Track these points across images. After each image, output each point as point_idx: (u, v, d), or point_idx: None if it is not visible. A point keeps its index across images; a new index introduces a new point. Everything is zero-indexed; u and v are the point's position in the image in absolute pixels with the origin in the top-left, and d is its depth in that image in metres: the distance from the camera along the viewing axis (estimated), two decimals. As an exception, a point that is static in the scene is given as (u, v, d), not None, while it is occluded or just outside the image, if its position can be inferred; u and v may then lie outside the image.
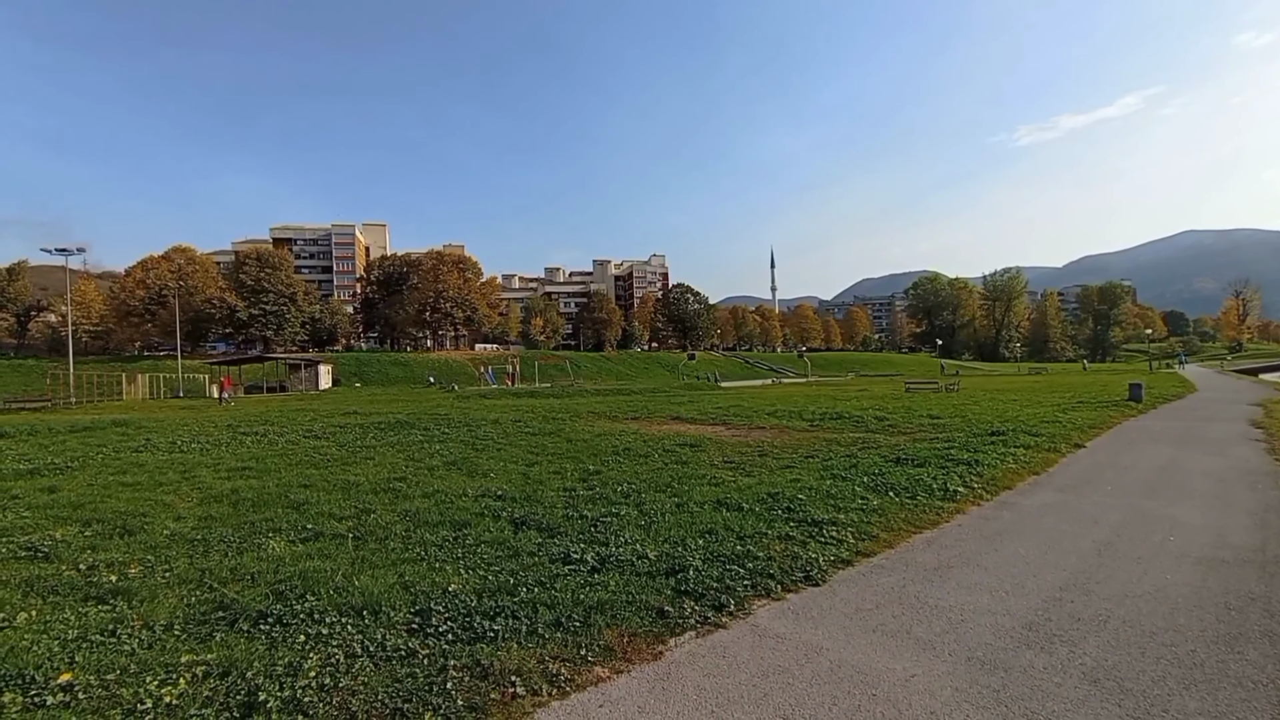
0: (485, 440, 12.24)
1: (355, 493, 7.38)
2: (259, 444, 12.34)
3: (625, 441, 11.79)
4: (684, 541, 5.14)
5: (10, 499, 7.40)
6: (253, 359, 56.01)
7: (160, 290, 67.02)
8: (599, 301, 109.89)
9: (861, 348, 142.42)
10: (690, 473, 8.40)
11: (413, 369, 67.39)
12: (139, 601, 4.05)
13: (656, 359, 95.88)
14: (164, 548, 5.30)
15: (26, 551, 5.21)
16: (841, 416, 15.61)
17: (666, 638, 3.57)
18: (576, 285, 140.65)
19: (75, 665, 3.11)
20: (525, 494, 7.16)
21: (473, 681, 3.02)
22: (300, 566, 4.60)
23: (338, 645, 3.33)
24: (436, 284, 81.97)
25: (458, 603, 3.87)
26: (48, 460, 10.38)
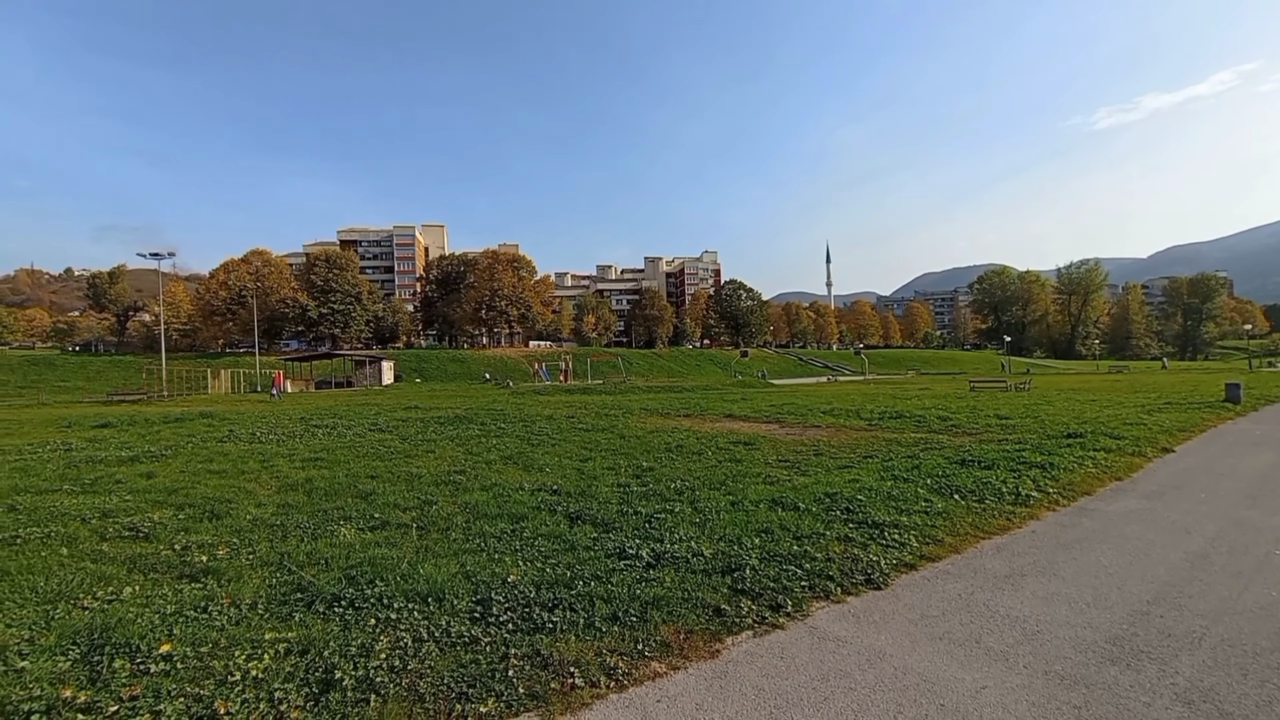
0: (540, 436, 12.47)
1: (418, 484, 7.66)
2: (329, 436, 12.99)
3: (678, 439, 11.77)
4: (739, 540, 5.08)
5: (115, 483, 8.06)
6: (322, 355, 59.05)
7: (240, 291, 71.67)
8: (650, 298, 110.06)
9: (922, 345, 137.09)
10: (744, 471, 8.31)
11: (470, 365, 69.44)
12: (227, 581, 4.34)
13: (708, 356, 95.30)
14: (247, 531, 5.65)
15: (129, 532, 5.67)
16: (901, 416, 15.08)
17: (723, 636, 3.55)
18: (628, 282, 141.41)
19: (173, 637, 3.37)
20: (580, 489, 7.25)
21: (533, 670, 3.09)
22: (369, 553, 4.81)
23: (405, 630, 3.47)
24: (492, 283, 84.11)
25: (517, 593, 3.96)
26: (145, 448, 11.27)
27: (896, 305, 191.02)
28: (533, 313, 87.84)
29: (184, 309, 79.71)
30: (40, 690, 2.82)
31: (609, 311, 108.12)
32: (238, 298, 71.47)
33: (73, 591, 4.15)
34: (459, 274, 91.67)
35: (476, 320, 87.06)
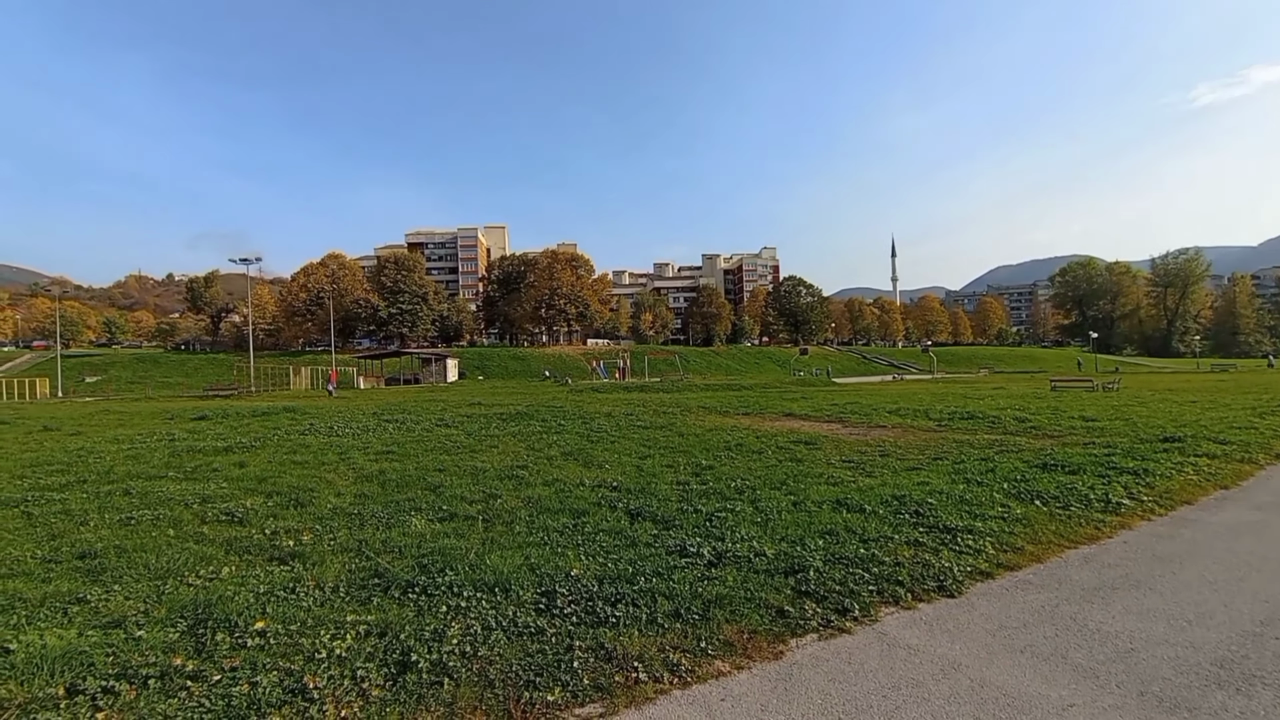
0: (599, 433, 12.62)
1: (483, 478, 7.92)
2: (399, 430, 13.61)
3: (737, 437, 11.65)
4: (803, 541, 4.98)
5: (212, 471, 8.74)
6: (391, 353, 61.92)
7: (318, 293, 76.15)
8: (708, 296, 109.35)
9: (996, 341, 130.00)
10: (806, 471, 8.13)
11: (530, 363, 71.10)
12: (311, 564, 4.63)
13: (767, 354, 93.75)
14: (328, 519, 6.00)
15: (226, 516, 6.13)
16: (974, 416, 14.35)
17: (787, 638, 3.49)
18: (685, 280, 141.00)
19: (266, 615, 3.62)
20: (639, 486, 7.29)
21: (597, 663, 3.13)
22: (439, 543, 5.01)
23: (475, 618, 3.60)
24: (551, 282, 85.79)
25: (580, 587, 4.03)
26: (237, 440, 12.16)
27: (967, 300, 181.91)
28: (591, 311, 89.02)
29: (269, 310, 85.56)
30: (155, 658, 3.09)
31: (666, 309, 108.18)
32: (316, 299, 76.00)
33: (179, 569, 4.53)
34: (519, 273, 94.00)
35: (536, 319, 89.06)
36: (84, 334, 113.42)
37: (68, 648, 3.19)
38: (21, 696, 2.76)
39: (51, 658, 3.07)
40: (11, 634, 3.38)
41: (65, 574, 4.49)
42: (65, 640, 3.30)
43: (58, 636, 3.36)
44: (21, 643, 3.23)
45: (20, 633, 3.39)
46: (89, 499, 7.01)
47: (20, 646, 3.19)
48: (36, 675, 2.93)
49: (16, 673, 2.95)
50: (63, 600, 3.93)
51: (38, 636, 3.33)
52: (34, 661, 3.04)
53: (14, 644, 3.21)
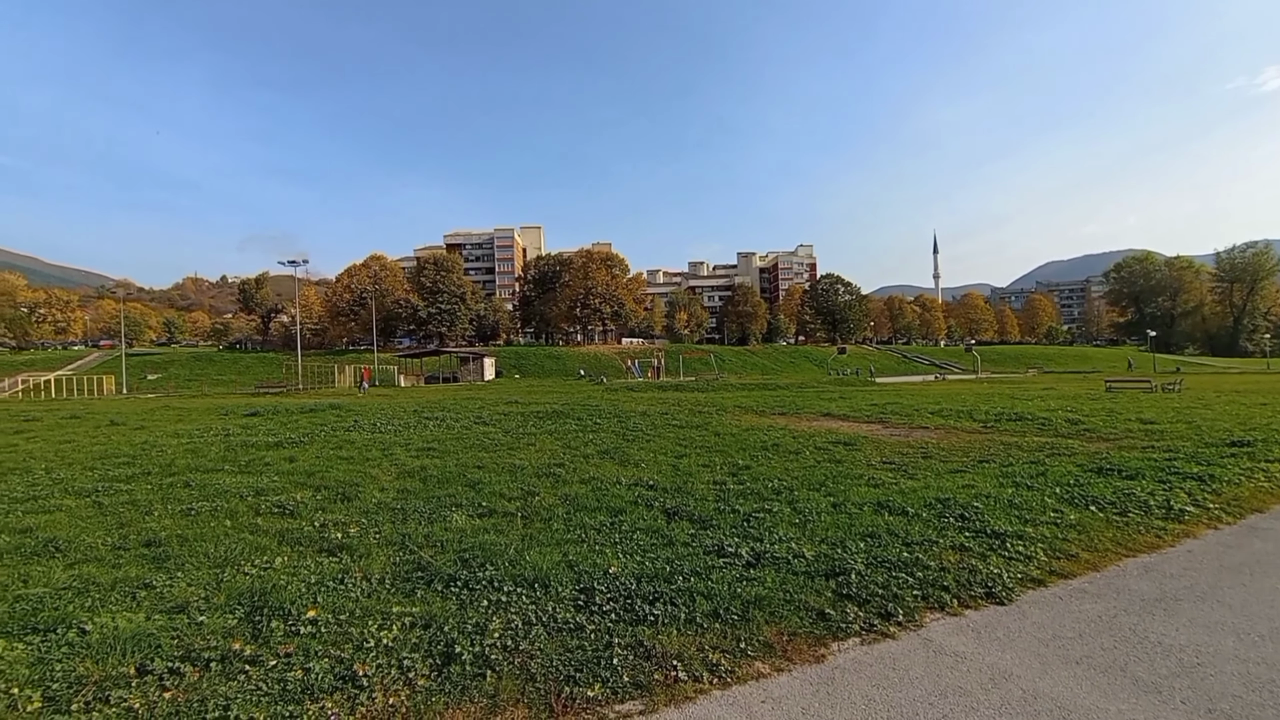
0: (635, 431, 12.66)
1: (520, 476, 8.03)
2: (439, 428, 13.91)
3: (774, 437, 11.52)
4: (843, 543, 4.89)
5: (264, 465, 9.11)
6: (430, 352, 63.36)
7: (360, 293, 78.51)
8: (743, 294, 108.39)
9: (1046, 340, 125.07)
10: (846, 472, 7.98)
11: (565, 362, 71.74)
12: (358, 557, 4.78)
13: (803, 353, 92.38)
14: (373, 513, 6.18)
15: (277, 509, 6.38)
16: (1022, 418, 13.84)
17: (829, 641, 3.43)
18: (720, 279, 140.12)
19: (318, 604, 3.76)
20: (676, 485, 7.28)
21: (636, 661, 3.15)
22: (479, 539, 5.11)
23: (515, 612, 3.65)
24: (586, 281, 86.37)
25: (618, 585, 4.05)
26: (287, 435, 12.64)
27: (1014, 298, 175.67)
28: (625, 310, 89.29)
29: (315, 310, 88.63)
30: (216, 642, 3.25)
31: (701, 308, 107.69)
32: (359, 299, 78.37)
33: (236, 558, 4.74)
34: (555, 273, 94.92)
35: (571, 318, 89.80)
36: (146, 334, 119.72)
37: (137, 630, 3.37)
38: (98, 674, 2.93)
39: (123, 639, 3.25)
40: (87, 615, 3.59)
41: (133, 560, 4.75)
42: (134, 623, 3.49)
43: (127, 619, 3.55)
44: (96, 624, 3.43)
45: (95, 615, 3.61)
46: (153, 490, 7.39)
47: (95, 628, 3.39)
48: (110, 655, 3.11)
49: (92, 652, 3.14)
50: (131, 585, 4.16)
51: (110, 619, 3.54)
52: (107, 642, 3.22)
53: (89, 625, 3.42)
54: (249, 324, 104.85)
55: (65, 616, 3.58)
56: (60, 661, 3.06)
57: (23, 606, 3.75)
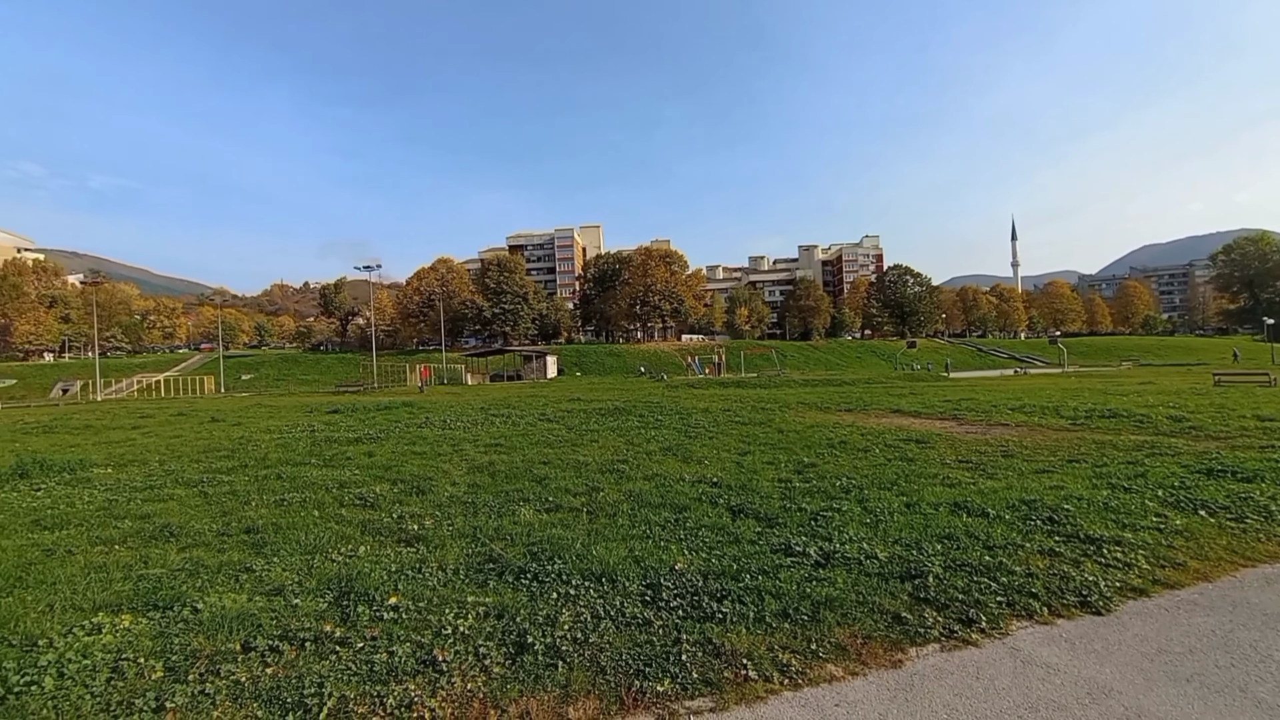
0: (697, 428, 12.60)
1: (585, 471, 8.15)
2: (505, 425, 14.32)
3: (840, 434, 11.18)
4: (918, 545, 4.69)
5: (346, 459, 9.66)
6: (495, 351, 65.37)
7: (429, 295, 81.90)
8: (805, 289, 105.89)
9: (1142, 330, 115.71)
10: (918, 471, 7.66)
11: (625, 359, 72.31)
12: (434, 547, 4.99)
13: (869, 348, 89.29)
14: (446, 506, 6.44)
15: (359, 501, 6.75)
16: (1116, 415, 12.83)
17: (906, 646, 3.30)
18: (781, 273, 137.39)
19: (399, 591, 3.95)
20: (740, 483, 7.20)
21: (705, 658, 3.13)
22: (546, 533, 5.22)
23: (584, 605, 3.71)
24: (645, 279, 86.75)
25: (685, 581, 4.04)
26: (365, 431, 13.35)
27: (1104, 285, 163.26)
28: (685, 307, 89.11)
29: (388, 313, 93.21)
30: (309, 624, 3.47)
31: (762, 304, 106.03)
32: (428, 301, 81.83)
33: (324, 546, 5.05)
34: (614, 271, 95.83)
35: (631, 316, 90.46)
36: (240, 337, 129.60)
37: (241, 610, 3.65)
38: (209, 649, 3.20)
39: (229, 617, 3.53)
40: (198, 595, 3.92)
41: (235, 546, 5.15)
42: (238, 603, 3.79)
43: (232, 599, 3.85)
44: (206, 603, 3.74)
45: (205, 594, 3.94)
46: (250, 481, 7.98)
47: (205, 606, 3.70)
48: (219, 631, 3.39)
49: (204, 628, 3.43)
50: (234, 569, 4.51)
51: (218, 598, 3.85)
52: (216, 620, 3.51)
53: (201, 604, 3.73)
54: (329, 326, 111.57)
55: (180, 595, 3.92)
56: (177, 636, 3.36)
57: (145, 585, 4.14)
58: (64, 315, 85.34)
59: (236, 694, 2.81)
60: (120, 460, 10.20)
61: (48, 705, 2.73)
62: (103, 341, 79.43)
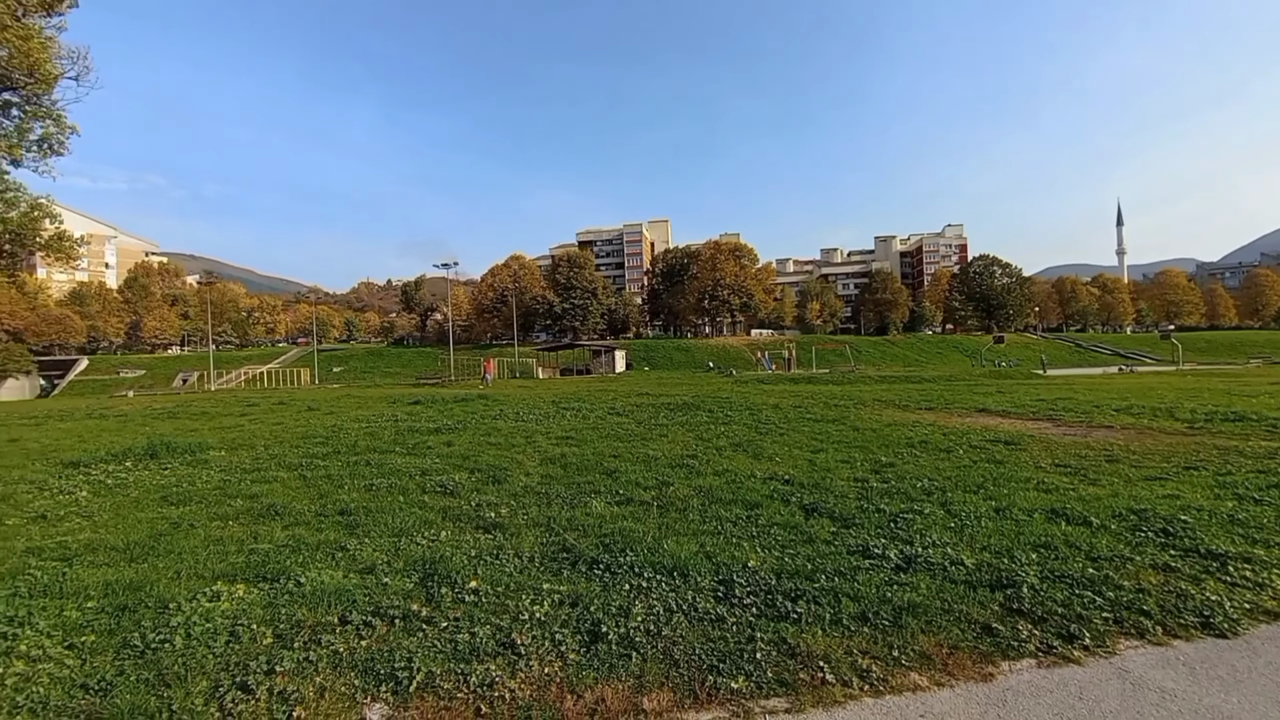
0: (768, 425, 12.38)
1: (655, 466, 8.18)
2: (575, 418, 14.61)
3: (920, 433, 10.66)
4: (1010, 553, 4.40)
5: (427, 448, 10.16)
6: (565, 346, 66.79)
7: (502, 292, 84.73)
8: (881, 281, 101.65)
9: (1275, 324, 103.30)
10: (1008, 474, 7.18)
11: (693, 354, 72.03)
12: (510, 535, 5.16)
13: (952, 343, 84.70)
14: (521, 495, 6.64)
15: (440, 488, 7.08)
16: (1244, 418, 11.53)
17: (997, 659, 3.11)
18: (856, 265, 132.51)
19: (478, 575, 4.12)
20: (813, 481, 7.01)
21: (780, 657, 3.08)
22: (618, 525, 5.29)
23: (656, 599, 3.73)
24: (714, 273, 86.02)
25: (758, 579, 3.98)
26: (443, 422, 13.99)
27: (1228, 274, 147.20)
28: (754, 301, 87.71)
29: (464, 309, 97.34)
30: (398, 602, 3.69)
31: (835, 297, 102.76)
32: (501, 297, 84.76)
33: (409, 529, 5.33)
34: (682, 266, 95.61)
35: (699, 310, 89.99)
36: (331, 332, 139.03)
37: (338, 585, 3.92)
38: (311, 620, 3.46)
39: (328, 592, 3.80)
40: (300, 569, 4.25)
41: (331, 526, 5.53)
42: (335, 579, 4.07)
43: (329, 575, 4.14)
44: (308, 577, 4.04)
45: (306, 569, 4.25)
46: (342, 467, 8.54)
47: (307, 580, 3.99)
48: (319, 604, 3.65)
49: (306, 600, 3.71)
50: (331, 547, 4.85)
51: (317, 574, 4.15)
52: (316, 594, 3.79)
53: (303, 578, 4.04)
54: (409, 322, 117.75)
55: (285, 569, 4.26)
56: (284, 606, 3.65)
57: (255, 558, 4.52)
58: (184, 313, 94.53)
59: (336, 663, 3.02)
60: (232, 444, 11.19)
61: (178, 661, 3.04)
62: (215, 336, 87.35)
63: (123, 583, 4.08)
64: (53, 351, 79.78)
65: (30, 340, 73.45)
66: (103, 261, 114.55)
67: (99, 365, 77.39)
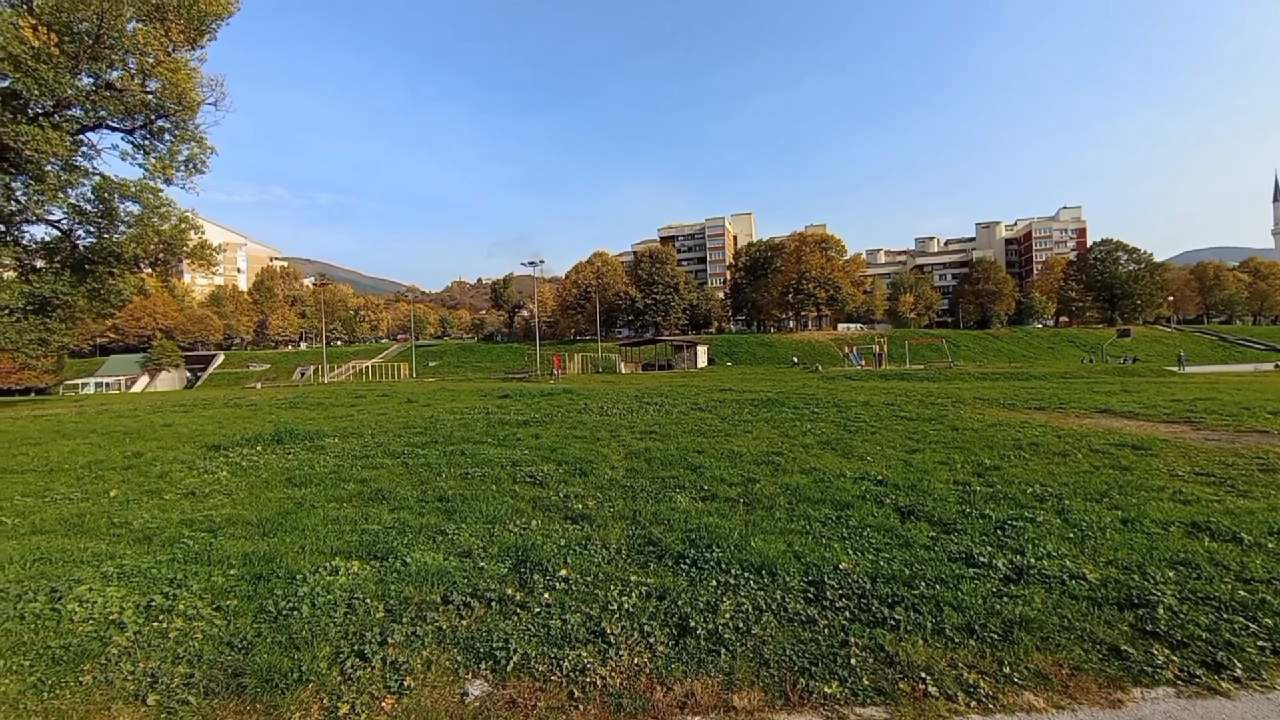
0: (857, 422, 11.89)
1: (739, 462, 8.07)
2: (658, 413, 14.68)
3: (1030, 435, 9.84)
4: (1141, 569, 3.98)
5: (516, 440, 10.57)
6: (647, 341, 67.23)
7: (586, 288, 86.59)
8: (983, 270, 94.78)
9: None
10: (1138, 482, 6.48)
11: (777, 349, 70.43)
12: (597, 526, 5.27)
13: (1066, 336, 77.72)
14: (607, 488, 6.76)
15: (529, 479, 7.35)
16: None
17: (1127, 684, 2.82)
18: (954, 254, 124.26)
19: (568, 564, 4.24)
20: (908, 482, 6.65)
21: (877, 665, 2.95)
22: (703, 521, 5.26)
23: (744, 596, 3.68)
24: (799, 265, 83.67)
25: (850, 582, 3.84)
26: (531, 415, 14.50)
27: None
28: (842, 294, 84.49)
29: (549, 305, 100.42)
30: (494, 585, 3.87)
31: (930, 289, 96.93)
32: (584, 294, 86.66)
33: (502, 517, 5.58)
34: (766, 259, 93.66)
35: (783, 304, 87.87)
36: (426, 329, 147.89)
37: (439, 567, 4.17)
38: (417, 597, 3.71)
39: (430, 572, 4.05)
40: (406, 550, 4.55)
41: (431, 511, 5.89)
42: (436, 561, 4.33)
43: (431, 557, 4.41)
44: (413, 558, 4.33)
45: (411, 550, 4.55)
46: (440, 456, 9.06)
47: (413, 560, 4.28)
48: (424, 584, 3.90)
49: (412, 579, 3.97)
50: (431, 531, 5.16)
51: (420, 555, 4.43)
52: (421, 573, 4.05)
53: (409, 558, 4.33)
54: (498, 318, 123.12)
55: (392, 549, 4.58)
56: (393, 583, 3.93)
57: (367, 538, 4.90)
58: (301, 312, 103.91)
59: (440, 639, 3.22)
60: (343, 432, 12.17)
61: (305, 627, 3.35)
62: (327, 333, 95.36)
63: (258, 554, 4.55)
64: (196, 347, 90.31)
65: (179, 338, 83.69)
66: (235, 267, 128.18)
67: (232, 360, 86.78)
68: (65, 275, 23.97)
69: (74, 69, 21.40)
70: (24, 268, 24.45)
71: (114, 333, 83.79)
